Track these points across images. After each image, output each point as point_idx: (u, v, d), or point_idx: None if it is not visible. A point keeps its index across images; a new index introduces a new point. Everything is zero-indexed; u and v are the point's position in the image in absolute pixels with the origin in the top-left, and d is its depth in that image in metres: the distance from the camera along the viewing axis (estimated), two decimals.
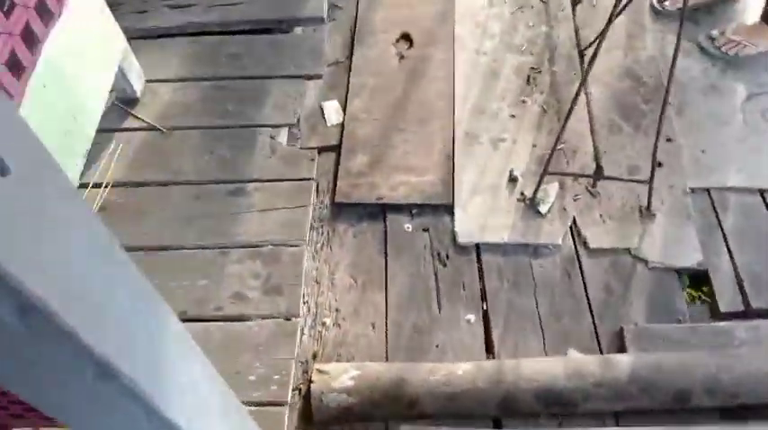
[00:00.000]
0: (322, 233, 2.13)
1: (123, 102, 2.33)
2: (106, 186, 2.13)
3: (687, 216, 2.05)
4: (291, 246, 1.98)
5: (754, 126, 2.23)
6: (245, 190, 2.09)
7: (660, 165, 2.16)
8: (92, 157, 2.21)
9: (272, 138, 2.22)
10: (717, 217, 2.06)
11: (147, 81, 2.37)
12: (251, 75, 2.36)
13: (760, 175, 2.11)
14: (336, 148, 2.31)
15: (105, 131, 2.27)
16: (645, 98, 2.32)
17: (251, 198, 2.07)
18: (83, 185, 2.13)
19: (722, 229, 2.03)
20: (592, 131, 2.09)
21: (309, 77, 2.38)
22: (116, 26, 2.11)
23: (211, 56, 2.43)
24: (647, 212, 2.06)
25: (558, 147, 2.23)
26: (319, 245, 2.10)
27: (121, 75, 2.21)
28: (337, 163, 2.26)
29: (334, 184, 2.20)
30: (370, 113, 2.39)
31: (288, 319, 1.84)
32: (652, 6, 2.60)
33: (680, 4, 2.51)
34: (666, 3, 2.58)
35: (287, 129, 2.27)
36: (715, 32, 2.41)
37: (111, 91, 2.31)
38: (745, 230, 2.03)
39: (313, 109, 2.42)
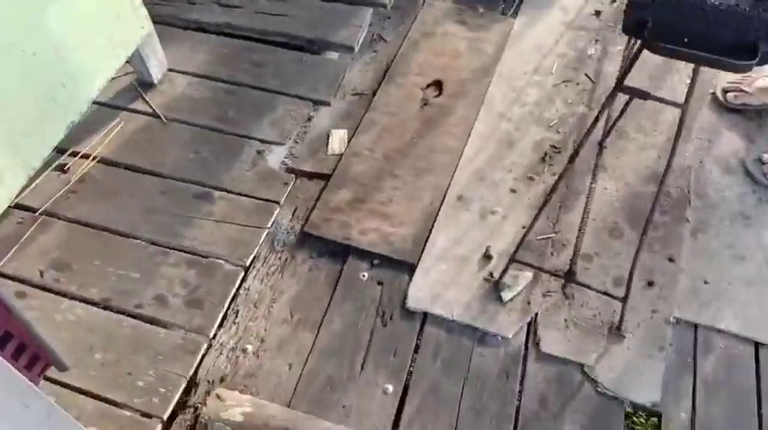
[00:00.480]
0: (280, 257, 2.07)
1: (141, 84, 2.38)
2: (92, 159, 2.17)
3: (660, 348, 1.81)
4: (231, 264, 1.93)
5: None
6: (211, 196, 2.06)
7: (651, 284, 1.94)
8: (92, 128, 2.27)
9: (258, 152, 2.18)
10: (695, 358, 1.81)
11: (170, 70, 2.41)
12: (264, 86, 2.34)
13: (760, 326, 1.84)
14: (327, 178, 2.24)
15: (113, 107, 2.33)
16: (662, 209, 2.09)
17: (213, 206, 2.04)
18: (74, 153, 2.19)
19: (695, 374, 1.78)
20: (580, 229, 1.91)
21: (317, 103, 2.34)
22: (139, 12, 2.15)
23: (236, 59, 2.44)
24: (616, 331, 1.84)
25: (548, 236, 2.07)
26: (273, 268, 2.03)
27: (140, 59, 2.26)
28: (321, 192, 2.20)
29: (310, 213, 2.14)
30: (372, 152, 2.31)
31: (196, 337, 1.78)
32: (715, 98, 2.38)
33: (746, 100, 2.31)
34: (730, 95, 2.35)
35: (278, 146, 2.23)
36: (766, 157, 2.16)
37: (132, 72, 2.38)
38: (722, 383, 1.77)
39: (321, 133, 2.37)
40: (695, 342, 1.84)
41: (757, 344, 1.82)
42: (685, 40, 1.26)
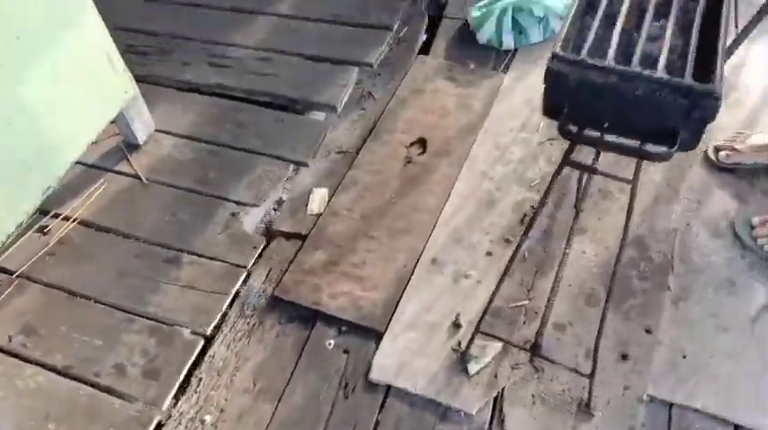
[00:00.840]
0: (249, 322, 2.05)
1: (127, 145, 2.43)
2: (73, 221, 2.22)
3: (630, 428, 1.72)
4: (193, 332, 1.92)
5: (759, 343, 1.84)
6: (180, 260, 2.07)
7: (625, 357, 1.84)
8: (76, 189, 2.32)
9: (231, 215, 2.19)
10: None
11: (157, 130, 2.46)
12: (244, 147, 2.37)
13: (740, 405, 1.72)
14: (304, 238, 2.24)
15: (98, 169, 2.38)
16: (642, 275, 2.00)
17: (180, 270, 2.05)
18: (56, 215, 2.25)
19: None
20: (549, 299, 1.83)
21: (297, 164, 2.34)
22: (123, 77, 2.21)
23: (222, 119, 2.48)
24: (585, 409, 1.75)
25: (520, 304, 2.00)
26: (240, 334, 2.02)
27: (125, 122, 2.32)
28: (296, 254, 2.19)
29: (282, 276, 2.13)
30: (351, 212, 2.29)
31: (151, 409, 1.77)
32: (706, 157, 2.28)
33: (739, 158, 2.21)
34: (722, 154, 2.25)
35: (253, 208, 2.24)
36: (756, 220, 2.05)
37: (118, 134, 2.44)
38: None
39: (304, 192, 2.37)
40: (669, 422, 1.73)
41: (737, 427, 1.70)
42: (605, 125, 1.21)
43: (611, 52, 1.18)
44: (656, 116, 1.16)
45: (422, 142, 2.50)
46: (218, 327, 2.00)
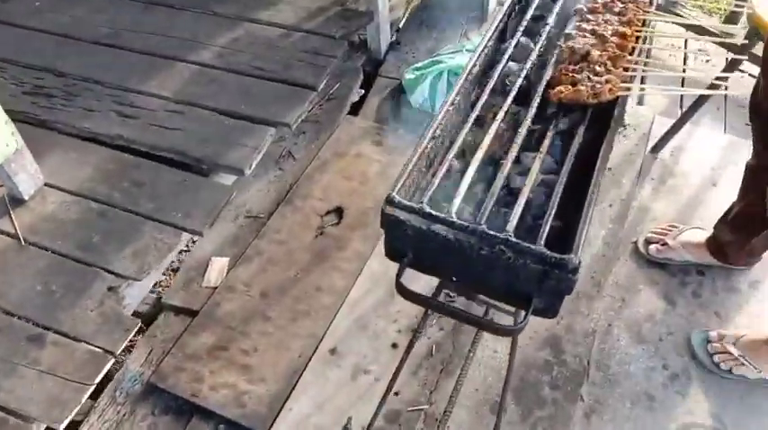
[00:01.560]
0: (119, 411, 1.82)
1: (11, 198, 2.20)
2: None
3: None
4: (44, 427, 1.68)
5: None
6: (43, 339, 1.83)
7: None
8: None
9: (108, 289, 1.96)
10: None
11: (47, 184, 2.23)
12: (137, 210, 2.15)
13: None
14: (194, 315, 2.02)
15: None
16: (554, 382, 1.82)
17: (42, 351, 1.81)
18: None
19: None
20: (446, 410, 1.64)
21: (191, 232, 2.13)
22: (4, 129, 1.99)
23: (119, 176, 2.26)
24: None
25: (420, 408, 1.80)
26: (108, 425, 1.79)
27: (7, 175, 2.09)
28: (182, 334, 1.97)
29: (162, 359, 1.90)
30: (249, 288, 2.09)
31: None
32: (636, 249, 2.13)
33: (670, 254, 2.07)
34: (652, 248, 2.10)
35: (134, 282, 2.01)
36: (714, 334, 1.88)
37: (2, 185, 2.21)
38: None
39: (204, 259, 2.16)
40: None
41: None
42: (453, 278, 1.04)
43: (458, 201, 1.01)
44: (508, 278, 0.98)
45: (338, 211, 2.32)
46: (78, 422, 1.76)
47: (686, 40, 3.13)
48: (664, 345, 1.91)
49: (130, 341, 1.93)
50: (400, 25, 3.13)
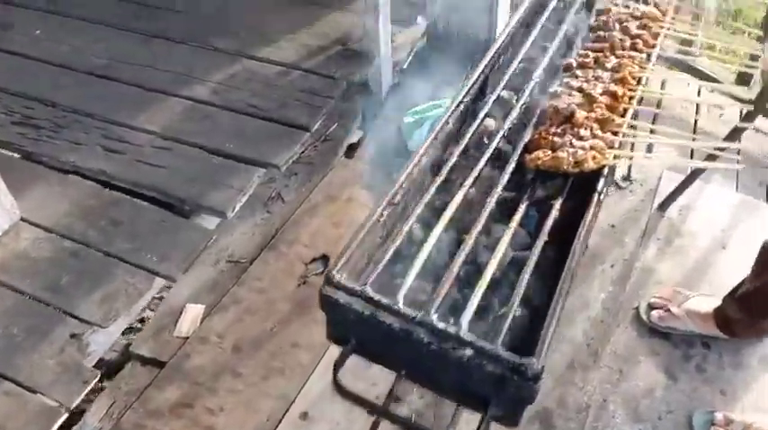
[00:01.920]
0: None
1: None
2: None
3: None
4: None
5: None
6: None
7: None
8: None
9: (71, 336, 1.86)
10: None
11: (23, 219, 2.15)
12: (111, 251, 2.06)
13: None
14: (162, 367, 1.91)
15: None
16: None
17: None
18: None
19: None
20: None
21: (165, 278, 2.03)
22: None
23: (97, 213, 2.18)
24: None
25: None
26: None
27: None
28: (147, 387, 1.85)
29: (122, 414, 1.78)
30: (223, 339, 1.97)
31: None
32: (637, 315, 1.99)
33: (673, 323, 1.92)
34: (654, 314, 1.96)
35: (99, 329, 1.91)
36: (719, 417, 1.71)
37: None
38: None
39: (177, 306, 2.05)
40: None
41: None
42: (403, 372, 0.92)
43: (409, 281, 0.89)
44: (462, 378, 0.86)
45: (324, 259, 2.20)
46: None
47: (699, 90, 3.03)
48: (663, 425, 1.76)
49: (94, 391, 1.82)
50: (404, 66, 3.06)
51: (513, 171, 1.06)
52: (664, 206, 2.36)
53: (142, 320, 2.05)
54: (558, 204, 1.01)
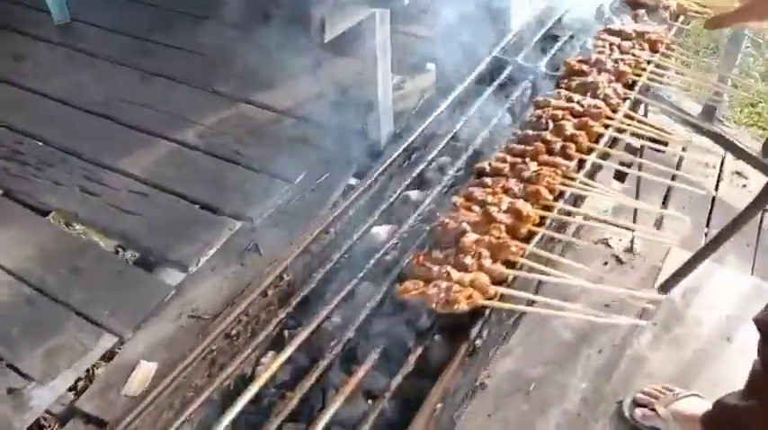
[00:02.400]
0: None
1: None
2: None
3: None
4: None
5: None
6: None
7: None
8: None
9: (8, 391, 1.78)
10: None
11: None
12: (66, 300, 1.98)
13: None
14: (103, 427, 1.81)
15: None
16: None
17: None
18: None
19: None
20: None
21: (115, 335, 1.93)
22: None
23: (60, 259, 2.11)
24: None
25: None
26: None
27: None
28: None
29: None
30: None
31: None
32: (620, 410, 1.80)
33: (657, 423, 1.73)
34: (638, 412, 1.76)
35: (40, 385, 1.82)
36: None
37: None
38: None
39: (130, 362, 1.96)
40: None
41: None
42: None
43: None
44: None
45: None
46: None
47: (723, 159, 2.81)
48: None
49: None
50: (413, 112, 2.95)
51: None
52: (666, 286, 2.15)
53: (92, 375, 1.97)
54: (419, 350, 0.86)
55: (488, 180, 1.03)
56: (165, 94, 2.79)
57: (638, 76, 1.28)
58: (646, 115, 2.00)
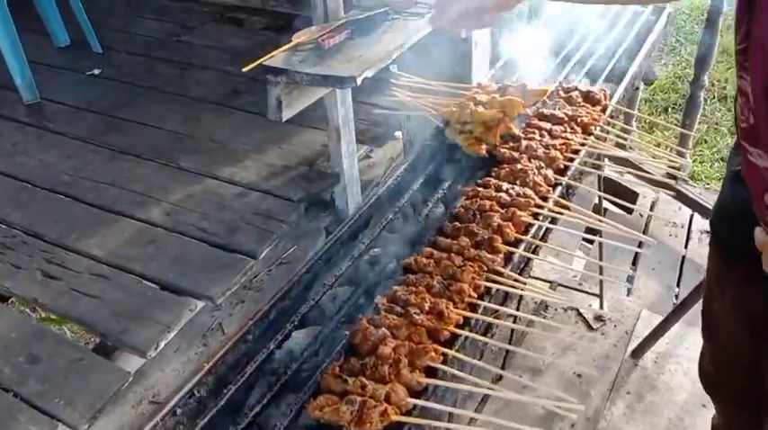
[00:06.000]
0: None
1: None
2: None
3: None
4: None
5: None
6: None
7: None
8: None
9: None
10: None
11: None
12: (20, 391, 1.88)
13: None
14: None
15: None
16: None
17: None
18: None
19: None
20: None
21: (69, 426, 1.86)
22: None
23: (17, 348, 2.03)
24: None
25: None
26: None
27: None
28: None
29: None
30: None
31: None
32: None
33: None
34: None
35: None
36: None
37: None
38: None
39: None
40: None
41: None
42: None
43: None
44: None
45: None
46: None
47: (691, 218, 2.82)
48: None
49: None
50: (380, 181, 2.95)
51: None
52: (638, 353, 2.12)
53: None
54: None
55: (413, 277, 1.01)
56: (132, 171, 2.78)
57: (571, 160, 1.28)
58: (602, 178, 2.01)
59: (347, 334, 0.95)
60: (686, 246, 2.68)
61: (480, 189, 1.18)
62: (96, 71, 3.58)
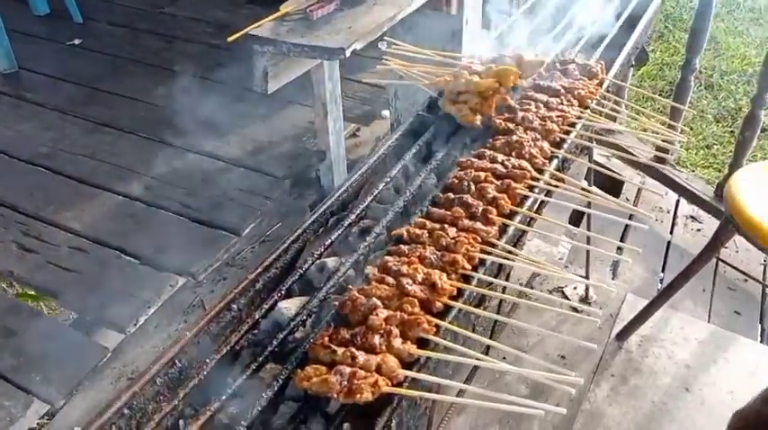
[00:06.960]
0: None
1: None
2: None
3: None
4: None
5: None
6: None
7: None
8: None
9: None
10: None
11: None
12: None
13: None
14: None
15: None
16: None
17: None
18: None
19: None
20: None
21: (45, 402, 1.81)
22: None
23: None
24: None
25: None
26: None
27: None
28: None
29: None
30: None
31: None
32: None
33: None
34: None
35: None
36: None
37: None
38: None
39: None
40: None
41: None
42: None
43: None
44: None
45: None
46: None
47: (677, 203, 2.81)
48: None
49: None
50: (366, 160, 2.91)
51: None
52: (622, 336, 2.12)
53: None
54: None
55: (405, 248, 0.98)
56: (113, 144, 2.72)
57: (567, 133, 1.25)
58: (592, 160, 1.99)
59: (336, 304, 0.92)
60: (672, 232, 2.68)
61: (475, 160, 1.15)
62: (77, 41, 3.49)
